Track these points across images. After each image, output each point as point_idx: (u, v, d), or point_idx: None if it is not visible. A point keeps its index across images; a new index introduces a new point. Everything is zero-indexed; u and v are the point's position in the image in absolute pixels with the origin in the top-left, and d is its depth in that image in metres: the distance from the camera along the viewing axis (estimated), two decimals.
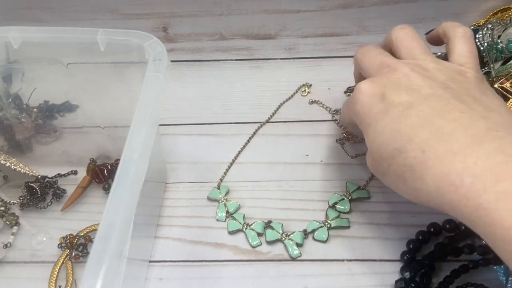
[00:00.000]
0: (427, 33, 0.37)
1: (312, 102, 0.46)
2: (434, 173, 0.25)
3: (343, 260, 0.36)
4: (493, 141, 0.25)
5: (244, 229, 0.37)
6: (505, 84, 0.36)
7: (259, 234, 0.37)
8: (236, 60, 0.51)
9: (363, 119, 0.30)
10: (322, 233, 0.37)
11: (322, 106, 0.46)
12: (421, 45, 0.33)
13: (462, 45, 0.32)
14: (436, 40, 0.36)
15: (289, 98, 0.47)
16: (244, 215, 0.38)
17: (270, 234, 0.37)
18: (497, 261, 0.31)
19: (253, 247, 0.36)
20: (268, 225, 0.37)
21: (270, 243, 0.37)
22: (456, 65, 0.31)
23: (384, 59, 0.32)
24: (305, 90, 0.47)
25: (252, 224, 0.37)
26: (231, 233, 0.37)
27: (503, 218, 0.22)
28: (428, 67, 0.30)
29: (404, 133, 0.27)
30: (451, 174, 0.25)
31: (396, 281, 0.34)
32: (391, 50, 0.34)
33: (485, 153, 0.24)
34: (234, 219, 0.38)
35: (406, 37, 0.33)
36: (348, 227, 0.37)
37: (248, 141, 0.44)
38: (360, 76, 0.36)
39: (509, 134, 0.25)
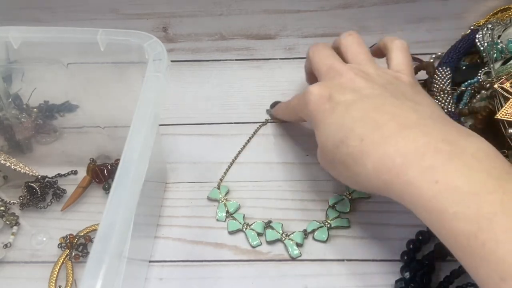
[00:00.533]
0: (371, 47, 0.40)
1: None
2: (372, 158, 0.29)
3: (343, 260, 0.36)
4: (419, 127, 0.28)
5: (244, 229, 0.37)
6: (505, 84, 0.36)
7: (259, 234, 0.37)
8: (236, 60, 0.51)
9: (314, 117, 0.33)
10: (322, 233, 0.37)
11: None
12: (366, 52, 0.37)
13: (398, 55, 0.36)
14: (378, 52, 0.39)
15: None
16: (244, 215, 0.38)
17: (270, 234, 0.37)
18: None
19: (253, 247, 0.37)
20: (268, 225, 0.37)
21: (270, 243, 0.37)
22: (394, 72, 0.35)
23: (333, 63, 0.35)
24: None
25: (252, 224, 0.37)
26: (231, 233, 0.37)
27: (426, 190, 0.26)
28: (370, 72, 0.34)
29: (346, 126, 0.31)
30: (385, 157, 0.28)
31: (396, 281, 0.34)
32: (339, 51, 0.38)
33: (412, 136, 0.28)
34: (234, 219, 0.38)
35: (353, 44, 0.37)
36: (348, 227, 0.37)
37: (248, 141, 0.44)
38: (310, 70, 0.39)
39: (434, 122, 0.29)
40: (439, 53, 0.49)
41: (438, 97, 0.39)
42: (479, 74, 0.40)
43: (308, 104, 0.34)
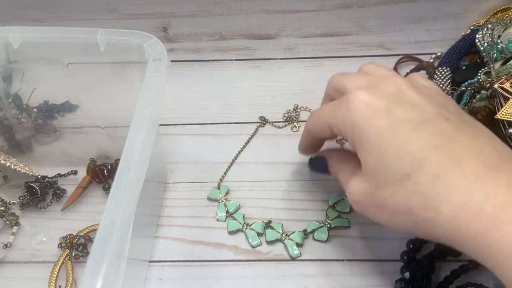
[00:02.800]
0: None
1: (298, 108, 0.46)
2: (451, 203, 0.23)
3: (343, 260, 0.36)
4: (507, 171, 0.23)
5: (244, 229, 0.37)
6: (505, 84, 0.36)
7: (259, 234, 0.37)
8: (236, 60, 0.51)
9: (362, 133, 0.26)
10: (322, 233, 0.37)
11: (310, 112, 0.46)
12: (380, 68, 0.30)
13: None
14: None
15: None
16: (244, 215, 0.38)
17: (270, 234, 0.37)
18: None
19: (253, 247, 0.36)
20: (268, 225, 0.37)
21: (270, 243, 0.37)
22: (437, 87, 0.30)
23: (367, 70, 0.30)
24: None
25: (252, 224, 0.37)
26: (231, 233, 0.37)
27: None
28: (420, 83, 0.28)
29: (415, 155, 0.24)
30: (471, 204, 0.23)
31: (396, 281, 0.34)
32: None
33: (504, 183, 0.23)
34: (234, 219, 0.38)
35: (378, 67, 0.30)
36: (348, 227, 0.37)
37: (248, 141, 0.44)
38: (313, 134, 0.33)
39: None
40: (439, 53, 0.49)
41: None
42: (479, 74, 0.40)
43: (354, 113, 0.27)
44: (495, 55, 0.40)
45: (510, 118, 0.34)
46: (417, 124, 0.25)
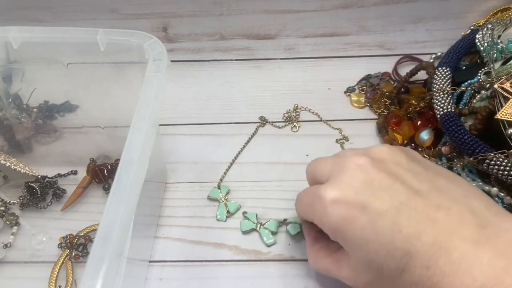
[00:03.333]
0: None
1: (298, 108, 0.46)
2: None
3: None
4: (488, 241, 0.24)
5: (258, 229, 0.37)
6: (505, 84, 0.36)
7: (273, 233, 0.37)
8: (236, 60, 0.51)
9: (345, 238, 0.27)
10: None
11: (311, 112, 0.46)
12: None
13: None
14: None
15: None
16: (257, 214, 0.38)
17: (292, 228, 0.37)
18: None
19: (268, 246, 0.36)
20: (283, 223, 0.37)
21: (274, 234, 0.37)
22: (402, 148, 0.29)
23: (338, 154, 0.30)
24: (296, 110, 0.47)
25: (265, 223, 0.37)
26: (245, 233, 0.37)
27: None
28: (384, 158, 0.28)
29: (403, 250, 0.24)
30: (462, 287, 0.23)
31: None
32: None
33: (487, 259, 0.23)
34: (247, 219, 0.38)
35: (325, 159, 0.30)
36: None
37: (248, 141, 0.44)
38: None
39: (495, 226, 0.24)
40: (439, 53, 0.49)
41: (438, 97, 0.39)
42: (479, 74, 0.40)
43: (330, 216, 0.26)
44: (495, 55, 0.40)
45: (510, 118, 0.34)
46: (395, 214, 0.25)
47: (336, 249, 0.29)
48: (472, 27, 0.47)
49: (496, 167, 0.34)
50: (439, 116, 0.38)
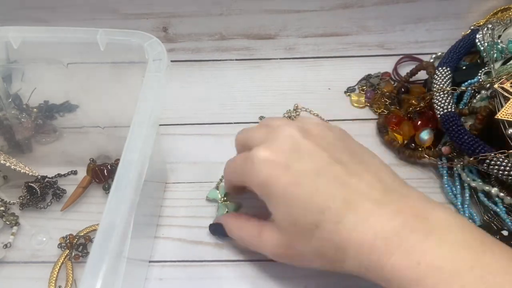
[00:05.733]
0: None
1: (298, 108, 0.46)
2: (352, 243, 0.26)
3: None
4: (390, 204, 0.27)
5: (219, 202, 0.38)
6: (505, 84, 0.36)
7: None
8: (236, 60, 0.51)
9: (270, 193, 0.29)
10: None
11: (310, 112, 0.46)
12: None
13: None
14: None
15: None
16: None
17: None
18: None
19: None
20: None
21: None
22: (322, 123, 0.33)
23: (265, 122, 0.33)
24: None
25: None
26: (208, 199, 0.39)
27: (410, 273, 0.24)
28: (311, 128, 0.31)
29: (318, 206, 0.27)
30: (366, 242, 0.26)
31: None
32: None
33: (387, 216, 0.26)
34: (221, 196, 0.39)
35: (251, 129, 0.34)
36: None
37: None
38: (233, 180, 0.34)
39: (399, 193, 0.28)
40: (439, 53, 0.49)
41: (438, 97, 0.39)
42: (479, 74, 0.40)
43: (258, 172, 0.29)
44: (495, 55, 0.40)
45: (510, 118, 0.34)
46: (316, 174, 0.28)
47: (259, 220, 0.33)
48: (472, 27, 0.47)
49: (496, 167, 0.34)
50: (439, 116, 0.38)
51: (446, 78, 0.40)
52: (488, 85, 0.38)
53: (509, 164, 0.33)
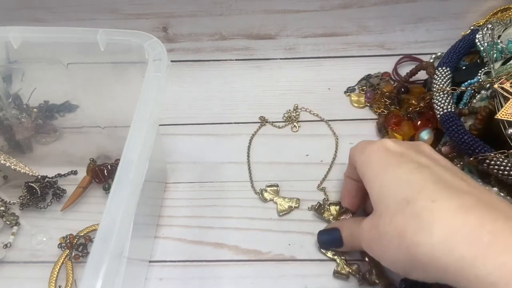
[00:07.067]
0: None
1: (298, 108, 0.46)
2: (443, 224, 0.24)
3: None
4: (496, 209, 0.25)
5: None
6: (505, 84, 0.36)
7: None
8: (236, 60, 0.51)
9: (371, 165, 0.30)
10: None
11: (310, 112, 0.46)
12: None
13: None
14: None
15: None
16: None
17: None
18: None
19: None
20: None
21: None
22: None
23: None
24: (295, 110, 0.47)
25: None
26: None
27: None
28: (425, 150, 0.32)
29: (416, 183, 0.27)
30: (464, 229, 0.24)
31: (401, 280, 0.34)
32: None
33: (494, 215, 0.24)
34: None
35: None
36: None
37: (251, 141, 0.44)
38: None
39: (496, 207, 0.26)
40: (439, 53, 0.49)
41: (438, 97, 0.39)
42: (479, 74, 0.40)
43: (371, 151, 0.31)
44: (495, 55, 0.40)
45: (510, 118, 0.34)
46: (425, 166, 0.28)
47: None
48: (472, 27, 0.47)
49: (496, 167, 0.34)
50: (439, 116, 0.38)
51: (446, 78, 0.40)
52: (488, 85, 0.38)
53: (509, 164, 0.33)
